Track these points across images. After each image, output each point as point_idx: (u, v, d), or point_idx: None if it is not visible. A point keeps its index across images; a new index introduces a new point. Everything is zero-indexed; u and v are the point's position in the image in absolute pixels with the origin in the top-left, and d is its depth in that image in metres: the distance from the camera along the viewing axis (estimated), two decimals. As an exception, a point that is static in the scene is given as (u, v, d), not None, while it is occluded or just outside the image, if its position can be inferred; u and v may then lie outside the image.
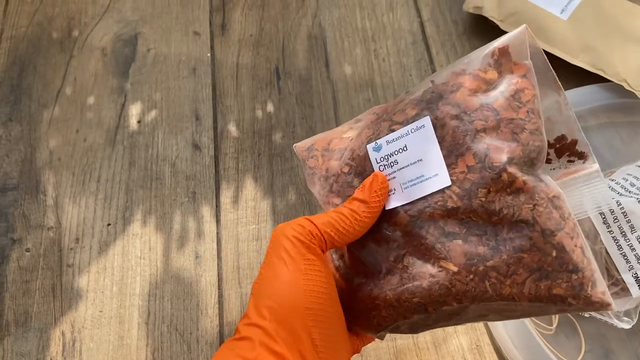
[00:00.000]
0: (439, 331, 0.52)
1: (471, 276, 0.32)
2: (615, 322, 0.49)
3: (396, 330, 0.37)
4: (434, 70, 0.67)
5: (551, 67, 0.36)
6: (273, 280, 0.34)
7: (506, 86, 0.34)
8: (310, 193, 0.59)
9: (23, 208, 0.60)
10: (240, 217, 0.58)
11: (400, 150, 0.36)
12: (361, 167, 0.37)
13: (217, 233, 0.58)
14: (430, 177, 0.34)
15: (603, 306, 0.31)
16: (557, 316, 0.51)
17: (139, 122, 0.65)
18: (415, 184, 0.35)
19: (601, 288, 0.31)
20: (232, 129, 0.64)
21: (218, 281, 0.55)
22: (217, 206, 0.59)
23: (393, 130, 0.36)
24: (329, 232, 0.34)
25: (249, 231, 0.58)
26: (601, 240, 0.50)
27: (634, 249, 0.48)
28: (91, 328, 0.54)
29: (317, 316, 0.33)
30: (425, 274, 0.34)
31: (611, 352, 0.51)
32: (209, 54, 0.69)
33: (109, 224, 0.59)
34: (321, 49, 0.69)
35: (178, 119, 0.65)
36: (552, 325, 0.51)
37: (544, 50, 0.36)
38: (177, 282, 0.55)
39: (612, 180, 0.53)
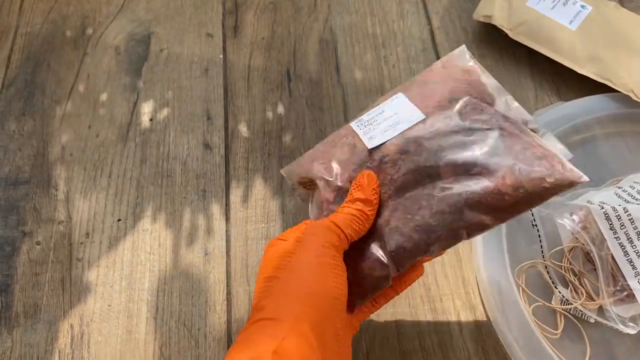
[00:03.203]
0: (445, 334, 0.53)
1: (460, 180, 0.38)
2: (621, 327, 0.49)
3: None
4: (443, 77, 0.68)
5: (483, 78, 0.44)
6: (306, 271, 0.37)
7: (456, 64, 0.45)
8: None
9: (34, 202, 0.60)
10: (249, 215, 0.59)
11: (379, 114, 0.43)
12: (349, 143, 0.44)
13: (227, 231, 0.58)
14: (406, 119, 0.42)
15: (573, 177, 0.37)
16: (562, 321, 0.52)
17: (151, 119, 0.65)
18: (394, 127, 0.42)
19: (569, 165, 0.37)
20: (243, 129, 0.65)
21: (227, 278, 0.56)
22: (226, 204, 0.60)
23: (372, 107, 0.45)
24: (350, 233, 0.39)
25: (258, 230, 0.58)
26: (608, 247, 0.50)
27: (640, 255, 0.49)
28: (99, 321, 0.54)
29: (341, 306, 0.37)
30: (426, 195, 0.39)
31: (616, 358, 0.51)
32: (221, 56, 0.70)
33: (119, 220, 0.59)
34: (332, 54, 0.70)
35: (190, 118, 0.65)
36: (557, 330, 0.51)
37: (551, 59, 0.41)
38: (186, 278, 0.56)
39: (619, 187, 0.54)
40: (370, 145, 0.41)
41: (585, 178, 0.36)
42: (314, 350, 0.33)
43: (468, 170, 0.38)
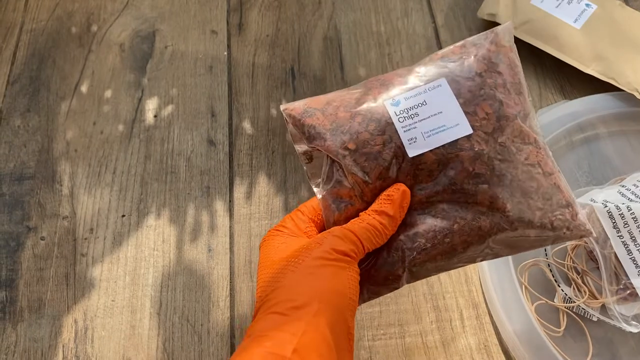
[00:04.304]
0: (447, 330, 0.53)
1: (494, 214, 0.37)
2: (624, 326, 0.49)
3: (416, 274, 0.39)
4: (447, 75, 0.68)
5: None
6: (322, 269, 0.36)
7: (504, 58, 0.40)
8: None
9: (39, 197, 0.61)
10: (253, 212, 0.59)
11: (420, 105, 0.39)
12: (380, 129, 0.39)
13: (230, 227, 0.59)
14: (452, 127, 0.38)
15: (587, 233, 0.38)
16: (565, 319, 0.52)
17: (155, 116, 0.65)
18: (437, 133, 0.38)
19: (584, 217, 0.38)
20: (247, 126, 0.65)
21: (230, 274, 0.56)
22: (230, 201, 0.60)
23: (411, 89, 0.39)
24: (367, 245, 0.37)
25: (262, 226, 0.58)
26: (611, 245, 0.50)
27: (643, 253, 0.49)
28: (103, 317, 0.54)
29: (354, 308, 0.36)
30: (455, 216, 0.38)
31: (618, 356, 0.51)
32: (225, 53, 0.70)
33: (123, 216, 0.59)
34: (336, 51, 0.70)
35: (194, 114, 0.65)
36: (560, 328, 0.51)
37: (556, 58, 0.40)
38: (189, 274, 0.56)
39: (623, 186, 0.54)
40: (411, 153, 0.38)
41: (594, 234, 0.39)
42: (331, 349, 0.33)
43: (504, 205, 0.37)
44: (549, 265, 0.54)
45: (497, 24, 0.68)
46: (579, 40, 0.65)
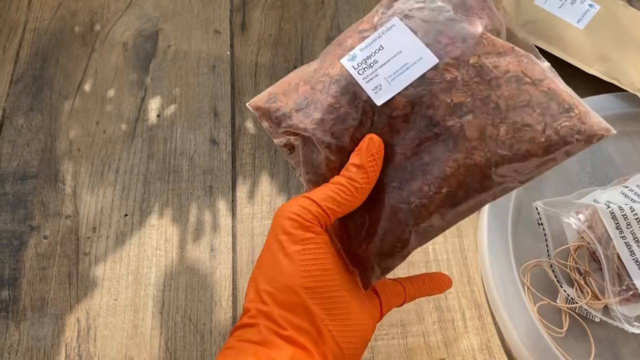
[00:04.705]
0: (450, 331, 0.53)
1: (489, 145, 0.34)
2: (626, 327, 0.49)
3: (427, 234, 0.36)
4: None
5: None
6: (271, 264, 0.33)
7: None
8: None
9: (42, 196, 0.61)
10: (255, 212, 0.59)
11: (377, 51, 0.36)
12: (342, 89, 0.36)
13: (233, 227, 0.59)
14: (415, 62, 0.35)
15: (604, 130, 0.33)
16: (567, 320, 0.52)
17: (158, 116, 0.66)
18: (401, 73, 0.35)
19: (596, 116, 0.33)
20: (250, 125, 0.65)
21: (232, 274, 0.56)
22: (233, 200, 0.60)
23: (364, 39, 0.37)
24: (330, 206, 0.34)
25: (264, 226, 0.58)
26: (614, 246, 0.50)
27: (646, 254, 0.49)
28: (106, 316, 0.54)
29: (320, 294, 0.33)
30: (445, 158, 0.34)
31: (620, 357, 0.51)
32: (228, 52, 0.70)
33: (126, 215, 0.59)
34: (339, 51, 0.70)
35: (197, 114, 0.66)
36: (562, 329, 0.51)
37: (558, 58, 0.37)
38: (192, 274, 0.56)
39: (626, 187, 0.54)
40: (379, 101, 0.35)
41: (613, 131, 0.33)
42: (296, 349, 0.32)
43: (497, 131, 0.34)
44: (551, 266, 0.54)
45: (500, 24, 0.68)
46: (582, 40, 0.64)
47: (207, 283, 0.55)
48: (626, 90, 0.62)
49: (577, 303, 0.51)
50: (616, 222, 0.50)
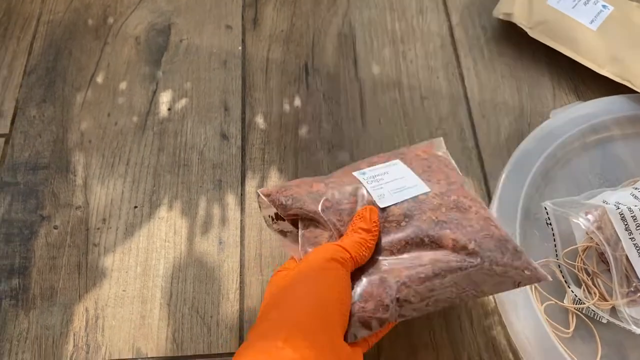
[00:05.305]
0: (456, 330, 0.53)
1: (461, 254, 0.43)
2: (634, 328, 0.49)
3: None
4: (461, 74, 0.68)
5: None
6: (307, 281, 0.41)
7: (436, 151, 0.53)
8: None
9: (53, 187, 0.61)
10: (264, 206, 0.59)
11: (383, 174, 0.48)
12: (352, 191, 0.47)
13: (241, 221, 0.59)
14: (412, 187, 0.47)
15: (542, 277, 0.44)
16: (574, 320, 0.51)
17: (169, 109, 0.66)
18: (401, 191, 0.46)
19: (534, 263, 0.44)
20: (260, 121, 0.65)
21: (240, 267, 0.56)
22: (242, 195, 0.60)
23: (373, 164, 0.50)
24: (355, 256, 0.42)
25: (273, 221, 0.58)
26: (622, 247, 0.50)
27: (655, 256, 0.49)
28: (114, 306, 0.55)
29: (343, 322, 0.40)
30: (425, 257, 0.43)
31: (627, 359, 0.51)
32: (240, 48, 0.70)
33: (135, 207, 0.60)
34: (350, 48, 0.70)
35: (207, 108, 0.66)
36: (569, 329, 0.51)
37: (570, 59, 0.40)
38: (200, 266, 0.56)
39: (636, 188, 0.53)
40: (381, 204, 0.45)
41: (549, 278, 0.44)
42: None
43: (465, 247, 0.43)
44: (559, 266, 0.53)
45: (513, 24, 0.68)
46: (595, 41, 0.64)
47: (215, 276, 0.56)
48: (638, 92, 0.61)
49: (584, 304, 0.51)
50: (625, 223, 0.50)
